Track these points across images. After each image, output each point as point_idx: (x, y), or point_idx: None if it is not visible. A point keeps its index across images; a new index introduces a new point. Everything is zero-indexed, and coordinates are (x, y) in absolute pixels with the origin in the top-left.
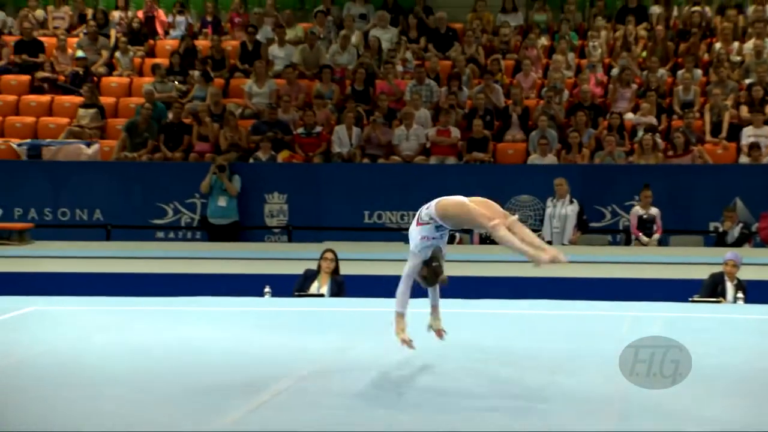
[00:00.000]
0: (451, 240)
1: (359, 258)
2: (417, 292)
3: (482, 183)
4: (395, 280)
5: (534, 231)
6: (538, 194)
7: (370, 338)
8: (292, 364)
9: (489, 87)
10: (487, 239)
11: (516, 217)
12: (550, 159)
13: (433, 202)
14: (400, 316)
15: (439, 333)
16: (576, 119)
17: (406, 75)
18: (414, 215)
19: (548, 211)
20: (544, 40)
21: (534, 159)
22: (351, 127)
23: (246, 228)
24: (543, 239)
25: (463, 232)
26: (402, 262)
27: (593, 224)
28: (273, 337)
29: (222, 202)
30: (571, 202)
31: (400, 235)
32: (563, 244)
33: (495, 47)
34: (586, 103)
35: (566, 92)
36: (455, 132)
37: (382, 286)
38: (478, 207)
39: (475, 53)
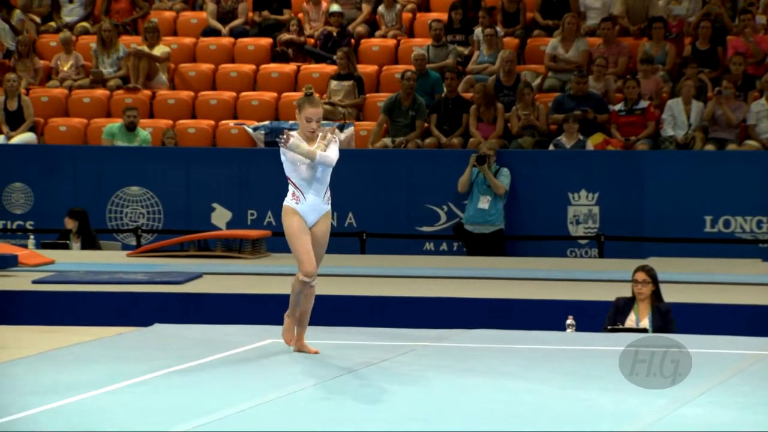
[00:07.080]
0: None
1: (697, 281)
2: None
3: None
4: (742, 310)
5: None
6: None
7: (714, 396)
8: None
9: None
10: None
11: None
12: None
13: None
14: None
15: None
16: None
17: None
18: None
19: None
20: None
21: None
22: (690, 101)
23: (515, 238)
24: None
25: None
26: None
27: None
28: (579, 393)
29: (483, 203)
30: None
31: (756, 249)
32: None
33: None
34: None
35: None
36: None
37: (722, 318)
38: None
39: None
